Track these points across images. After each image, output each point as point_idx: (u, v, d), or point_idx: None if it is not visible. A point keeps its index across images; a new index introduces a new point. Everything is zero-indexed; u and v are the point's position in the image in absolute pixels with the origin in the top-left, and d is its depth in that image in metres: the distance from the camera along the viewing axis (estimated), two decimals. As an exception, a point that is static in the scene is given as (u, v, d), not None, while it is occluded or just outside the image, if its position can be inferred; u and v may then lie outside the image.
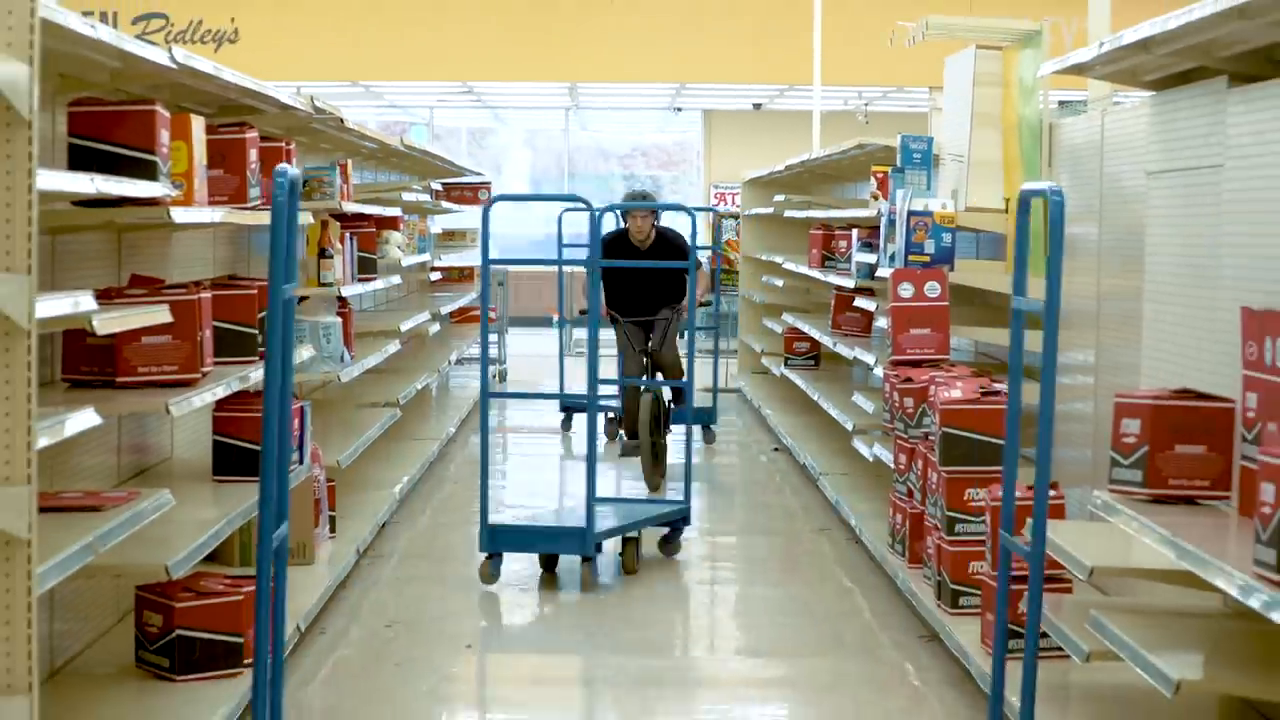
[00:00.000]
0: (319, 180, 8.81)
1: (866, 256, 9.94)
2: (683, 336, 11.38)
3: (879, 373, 8.78)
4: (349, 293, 9.01)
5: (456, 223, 17.73)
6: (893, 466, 8.28)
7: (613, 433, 13.04)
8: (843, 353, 10.80)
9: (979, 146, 8.31)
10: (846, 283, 10.61)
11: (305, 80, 19.29)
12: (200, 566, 6.03)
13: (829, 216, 12.36)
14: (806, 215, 13.65)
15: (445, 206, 14.70)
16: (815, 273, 12.19)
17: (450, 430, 12.98)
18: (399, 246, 11.11)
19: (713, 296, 14.63)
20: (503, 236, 24.00)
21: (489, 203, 9.05)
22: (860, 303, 10.29)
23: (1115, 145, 6.85)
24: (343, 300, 9.07)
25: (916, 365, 8.12)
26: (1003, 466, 4.73)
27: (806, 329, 12.79)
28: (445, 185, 15.84)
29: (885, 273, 8.78)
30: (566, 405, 13.97)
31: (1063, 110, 8.89)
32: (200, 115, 6.09)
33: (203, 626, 5.85)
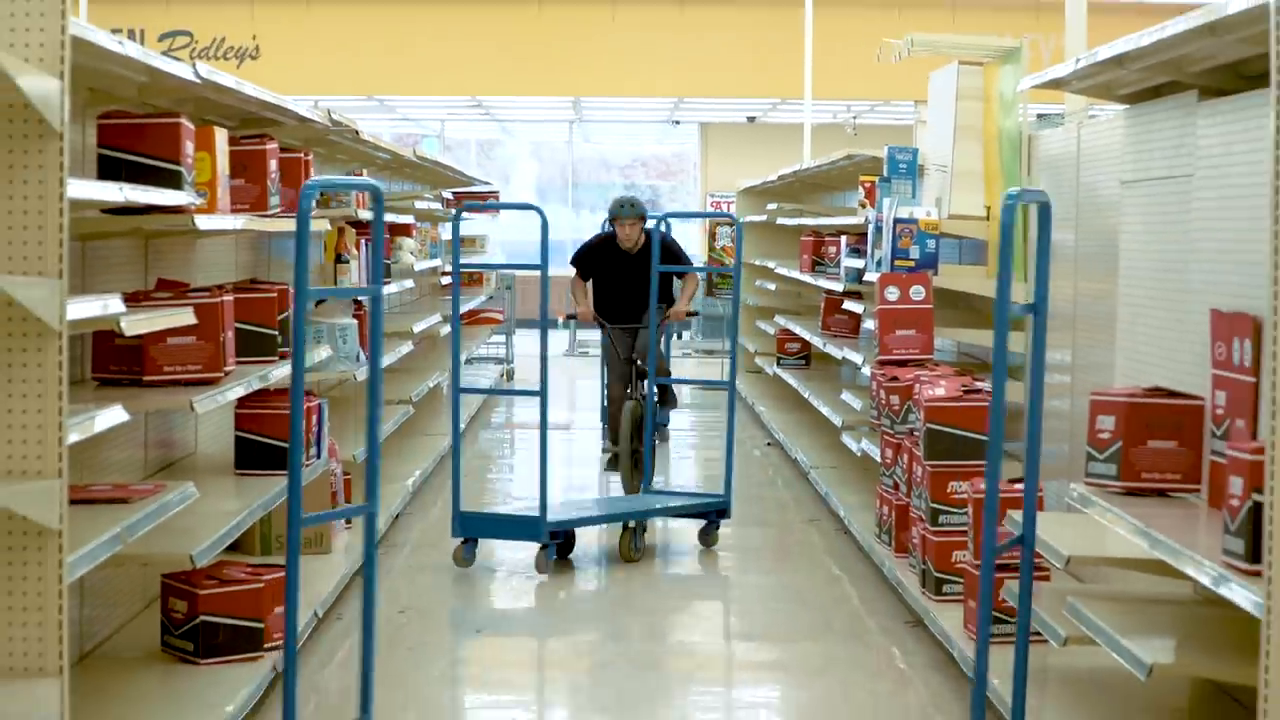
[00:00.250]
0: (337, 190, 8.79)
1: (855, 262, 9.93)
2: (678, 337, 10.86)
3: (866, 372, 8.77)
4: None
5: (466, 229, 17.71)
6: (879, 461, 8.28)
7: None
8: (832, 353, 10.80)
9: (961, 157, 8.30)
10: (836, 286, 10.60)
11: (323, 94, 19.28)
12: (223, 555, 6.02)
13: (819, 224, 12.35)
14: (798, 223, 13.65)
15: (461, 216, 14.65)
16: (806, 277, 12.19)
17: (460, 426, 12.94)
18: (412, 252, 11.11)
19: (699, 306, 14.17)
20: (512, 243, 23.99)
21: (456, 211, 9.19)
22: (849, 305, 10.28)
23: (1091, 156, 6.84)
24: (359, 304, 9.07)
25: (902, 365, 8.11)
26: (986, 461, 4.68)
27: (798, 330, 12.77)
28: (455, 194, 15.81)
29: (872, 277, 8.77)
30: None
31: (1041, 123, 8.89)
32: (223, 127, 6.08)
33: (225, 612, 5.84)
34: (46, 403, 3.94)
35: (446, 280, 15.99)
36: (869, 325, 8.98)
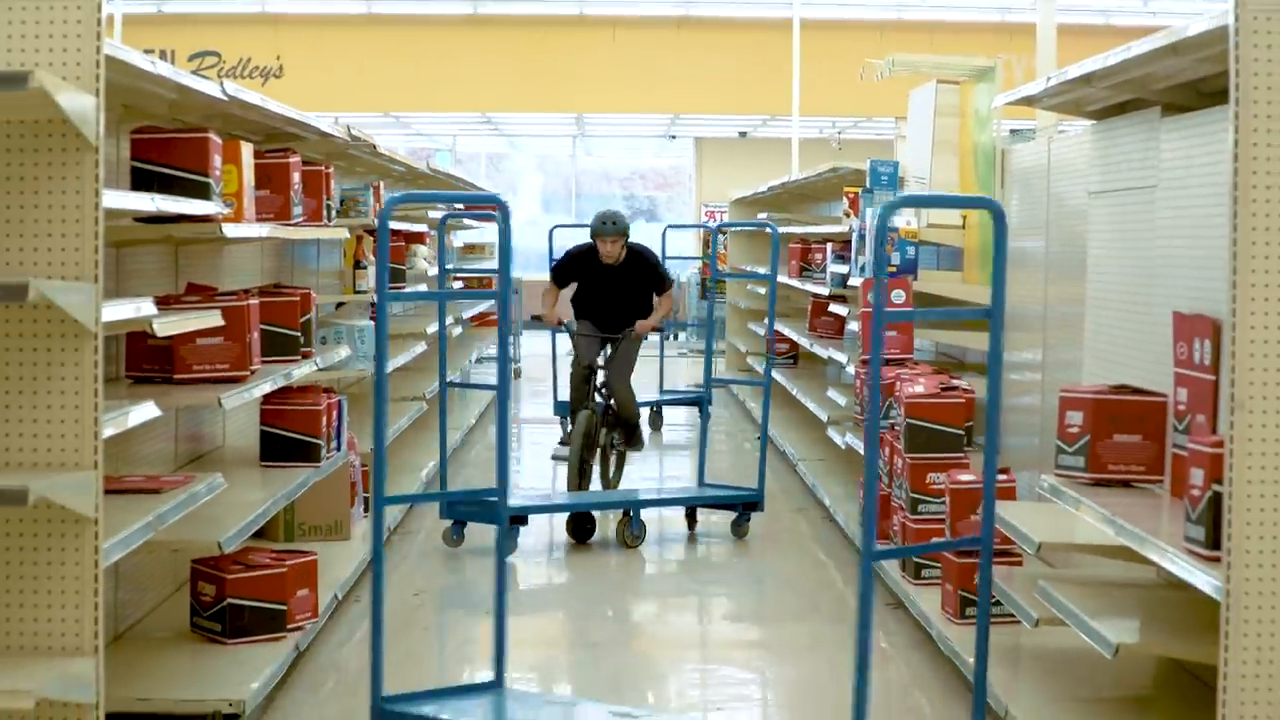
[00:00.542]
0: (354, 200, 8.79)
1: (839, 267, 9.93)
2: (674, 338, 10.47)
3: (851, 370, 8.77)
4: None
5: (476, 238, 17.71)
6: (863, 454, 8.27)
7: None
8: (818, 353, 10.79)
9: (939, 170, 8.30)
10: (822, 291, 10.59)
11: (342, 111, 19.28)
12: (249, 542, 6.01)
13: (806, 232, 12.34)
14: (786, 231, 13.62)
15: (466, 224, 14.66)
16: (794, 282, 12.18)
17: (470, 421, 12.96)
18: (425, 258, 11.10)
19: (665, 324, 12.93)
20: (521, 249, 23.98)
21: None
22: (834, 308, 10.29)
23: (1061, 168, 6.83)
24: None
25: (884, 364, 8.10)
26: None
27: (787, 331, 12.76)
28: (466, 204, 15.80)
29: (856, 282, 8.77)
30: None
31: (1014, 137, 8.89)
32: (249, 142, 6.08)
33: (251, 596, 5.83)
34: (83, 399, 3.93)
35: (458, 284, 15.99)
36: (853, 327, 8.98)
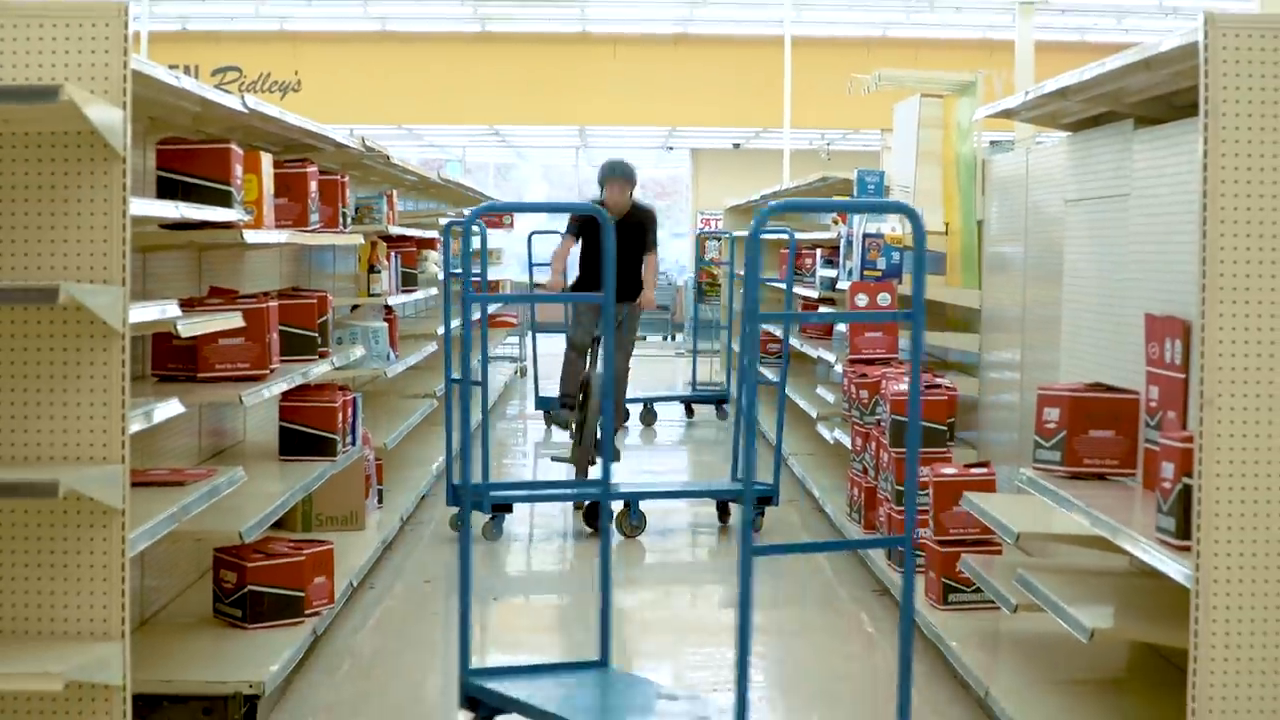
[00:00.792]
0: (369, 207, 8.78)
1: (828, 272, 9.93)
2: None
3: (839, 369, 8.76)
4: (394, 302, 8.98)
5: (480, 243, 17.65)
6: (850, 448, 8.26)
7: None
8: (808, 352, 10.77)
9: (923, 179, 8.29)
10: (811, 294, 10.58)
11: (357, 123, 19.28)
12: (268, 532, 6.00)
13: (797, 238, 12.31)
14: (778, 237, 13.60)
15: (475, 230, 14.63)
16: (783, 284, 12.16)
17: (478, 417, 12.92)
18: (436, 263, 11.08)
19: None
20: (523, 254, 23.93)
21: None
22: (823, 310, 10.27)
23: (1038, 178, 6.83)
24: (389, 308, 9.05)
25: (870, 363, 8.10)
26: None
27: (778, 332, 12.75)
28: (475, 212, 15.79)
29: (844, 285, 8.76)
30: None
31: (994, 148, 8.88)
32: (268, 152, 6.06)
33: (270, 583, 5.82)
34: (111, 397, 3.92)
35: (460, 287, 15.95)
36: (841, 328, 8.97)
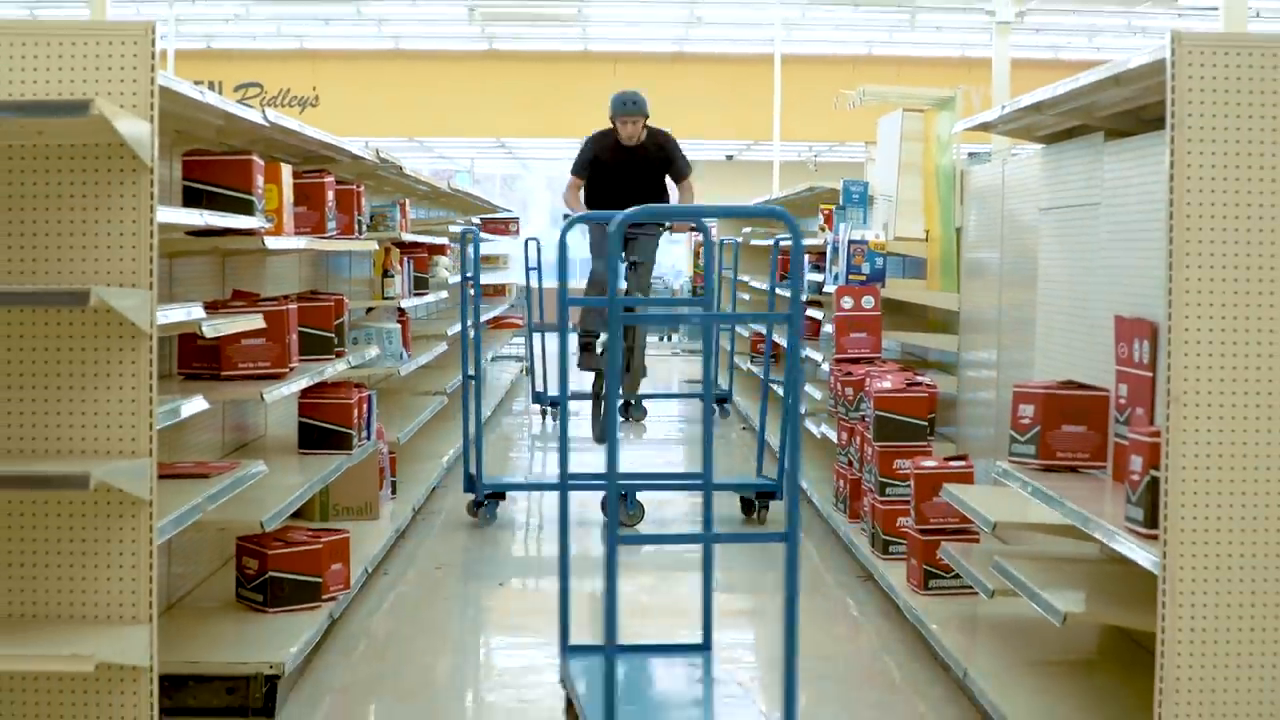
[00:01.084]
0: (383, 215, 8.76)
1: (816, 276, 9.90)
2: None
3: (826, 368, 8.74)
4: (407, 305, 8.97)
5: (492, 250, 17.66)
6: (836, 442, 8.25)
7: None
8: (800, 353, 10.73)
9: (905, 189, 8.28)
10: (799, 297, 10.54)
11: (372, 136, 19.29)
12: (288, 521, 5.99)
13: (786, 244, 12.31)
14: (768, 243, 13.61)
15: (483, 237, 14.63)
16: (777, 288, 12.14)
17: (486, 414, 12.91)
18: (446, 268, 11.08)
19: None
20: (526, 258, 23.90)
21: (464, 232, 9.02)
22: (811, 313, 10.24)
23: (1014, 187, 6.82)
24: (402, 311, 9.04)
25: (855, 362, 8.08)
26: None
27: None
28: (483, 220, 15.79)
29: (831, 289, 8.74)
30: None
31: (972, 160, 8.86)
32: (288, 163, 6.06)
33: (290, 569, 5.81)
34: (139, 394, 3.91)
35: (471, 291, 15.96)
36: (828, 329, 8.96)
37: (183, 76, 4.65)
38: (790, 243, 3.91)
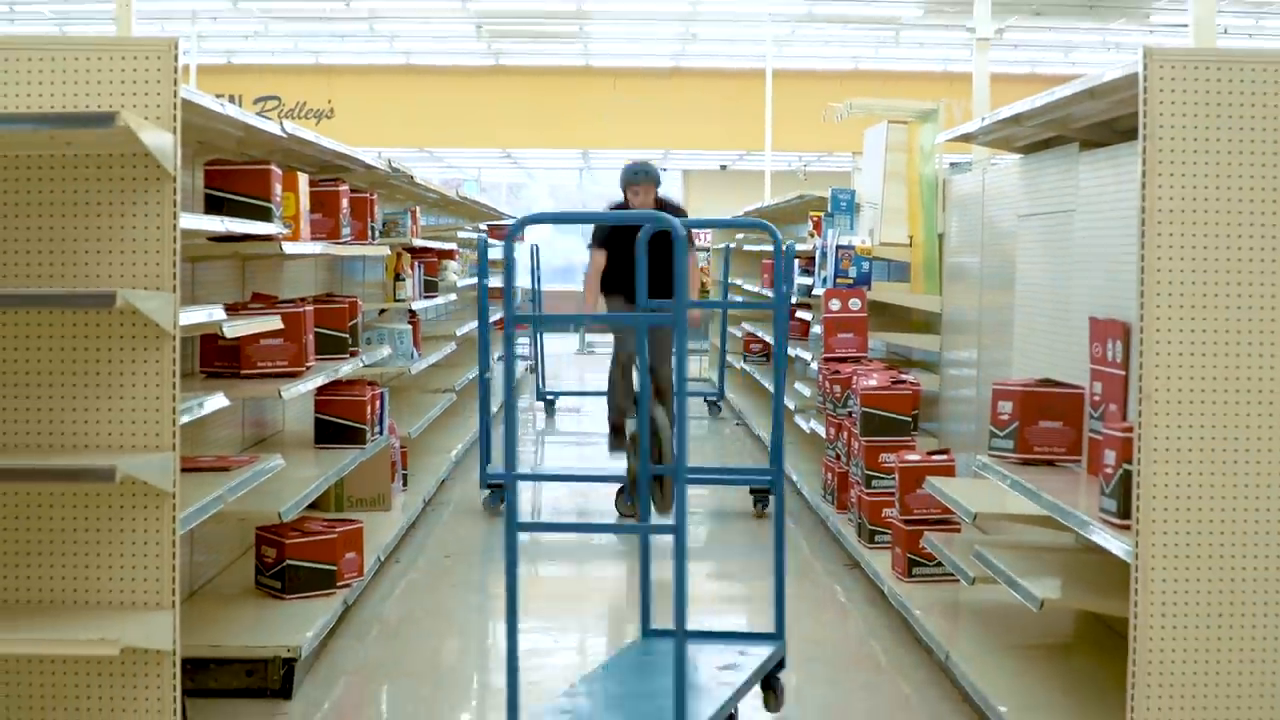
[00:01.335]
0: (395, 222, 8.76)
1: (805, 279, 9.89)
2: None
3: (815, 367, 8.73)
4: (417, 307, 8.97)
5: (498, 254, 17.65)
6: (825, 437, 8.24)
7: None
8: (787, 351, 10.75)
9: (889, 197, 8.27)
10: (791, 299, 10.56)
11: (384, 146, 19.24)
12: (304, 512, 5.98)
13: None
14: (759, 248, 13.61)
15: (490, 242, 14.61)
16: (766, 291, 12.16)
17: (493, 409, 12.90)
18: (454, 272, 11.07)
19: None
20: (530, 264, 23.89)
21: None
22: (800, 314, 10.25)
23: (993, 195, 6.80)
24: (413, 313, 9.03)
25: (842, 361, 8.07)
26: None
27: (759, 333, 12.74)
28: (490, 226, 15.78)
29: (819, 291, 8.73)
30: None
31: (953, 169, 8.85)
32: (305, 173, 6.05)
33: (306, 558, 5.80)
34: (163, 391, 3.90)
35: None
36: (816, 330, 8.95)
37: (204, 90, 4.64)
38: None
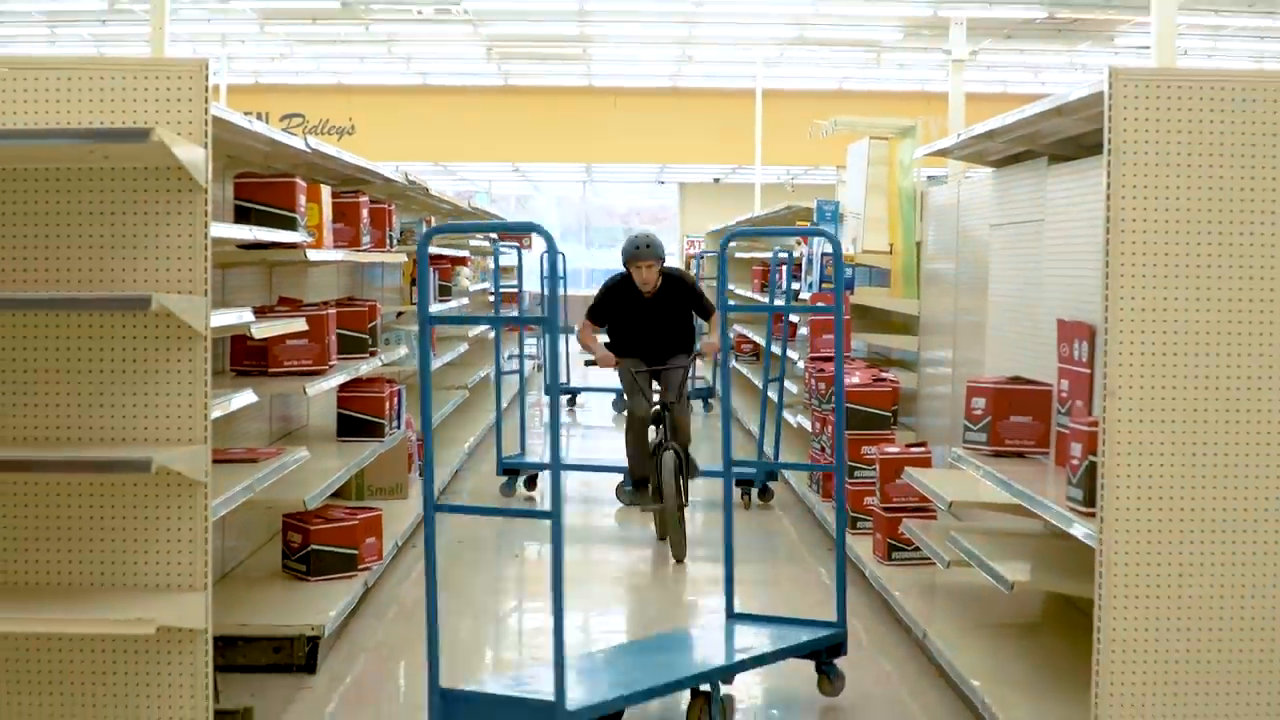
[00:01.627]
0: (411, 231, 8.75)
1: (792, 285, 9.89)
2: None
3: (801, 365, 8.73)
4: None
5: (507, 261, 17.65)
6: (811, 430, 8.23)
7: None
8: (775, 351, 10.73)
9: (871, 207, 8.26)
10: (780, 303, 10.53)
11: (402, 161, 19.22)
12: (328, 501, 5.98)
13: (766, 256, 12.28)
14: (751, 256, 13.60)
15: (500, 249, 14.60)
16: (757, 295, 12.14)
17: (503, 405, 12.90)
18: (467, 277, 11.06)
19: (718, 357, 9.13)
20: (537, 268, 23.90)
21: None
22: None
23: (968, 206, 6.80)
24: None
25: (828, 360, 8.07)
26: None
27: (751, 335, 12.73)
28: (499, 233, 15.77)
29: (806, 295, 8.72)
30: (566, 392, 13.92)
31: (931, 182, 8.85)
32: (327, 185, 6.04)
33: (330, 543, 5.80)
34: (195, 388, 3.90)
35: (493, 298, 15.94)
36: (803, 331, 8.94)
37: (234, 108, 4.63)
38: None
